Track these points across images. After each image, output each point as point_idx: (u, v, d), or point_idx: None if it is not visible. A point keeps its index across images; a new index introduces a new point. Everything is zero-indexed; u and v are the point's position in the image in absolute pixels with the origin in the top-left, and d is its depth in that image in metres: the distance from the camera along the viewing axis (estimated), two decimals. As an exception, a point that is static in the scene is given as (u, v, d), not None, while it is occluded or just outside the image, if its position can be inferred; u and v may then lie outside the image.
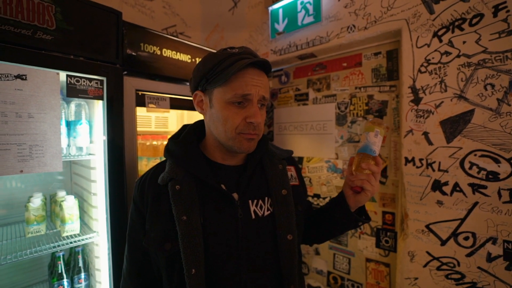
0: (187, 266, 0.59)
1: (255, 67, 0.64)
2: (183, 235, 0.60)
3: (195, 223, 0.61)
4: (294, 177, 0.78)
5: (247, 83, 0.62)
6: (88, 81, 1.03)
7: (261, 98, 0.64)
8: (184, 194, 0.64)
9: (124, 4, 1.88)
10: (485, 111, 1.04)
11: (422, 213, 1.20)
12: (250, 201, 0.68)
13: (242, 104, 0.63)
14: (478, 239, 1.06)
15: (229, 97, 0.62)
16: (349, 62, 1.58)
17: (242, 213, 0.66)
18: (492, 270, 1.03)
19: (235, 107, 0.63)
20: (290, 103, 1.88)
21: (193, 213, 0.62)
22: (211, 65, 0.64)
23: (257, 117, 0.62)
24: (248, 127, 0.63)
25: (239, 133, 0.64)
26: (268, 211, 0.69)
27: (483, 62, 1.04)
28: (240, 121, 0.63)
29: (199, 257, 0.60)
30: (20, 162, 0.87)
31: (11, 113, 0.85)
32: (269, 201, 0.70)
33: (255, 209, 0.68)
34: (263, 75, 0.65)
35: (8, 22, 0.83)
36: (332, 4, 1.50)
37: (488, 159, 1.04)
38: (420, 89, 1.20)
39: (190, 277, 0.58)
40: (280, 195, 0.70)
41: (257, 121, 0.62)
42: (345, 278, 1.61)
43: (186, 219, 0.61)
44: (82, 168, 1.36)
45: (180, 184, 0.65)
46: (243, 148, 0.65)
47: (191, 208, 0.62)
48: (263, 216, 0.68)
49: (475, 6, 1.05)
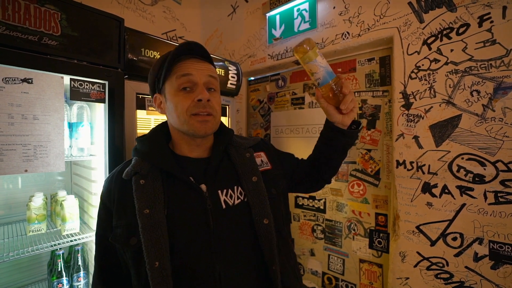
0: (148, 259, 0.59)
1: (196, 57, 0.70)
2: (143, 228, 0.60)
3: (158, 216, 0.62)
4: (265, 162, 0.80)
5: (187, 67, 0.68)
6: (90, 84, 1.07)
7: (207, 81, 0.69)
8: (148, 187, 0.65)
9: (126, 9, 1.93)
10: (472, 116, 1.09)
11: (412, 214, 1.24)
12: (220, 191, 0.69)
13: (190, 90, 0.67)
14: (466, 239, 1.10)
15: (176, 84, 0.67)
16: (343, 67, 1.63)
17: (211, 204, 0.66)
18: (478, 270, 1.07)
19: (183, 92, 0.67)
20: (287, 106, 1.93)
21: (156, 206, 0.63)
22: (158, 65, 0.71)
23: (204, 94, 0.66)
24: (198, 105, 0.66)
25: (191, 115, 0.66)
26: (238, 199, 0.70)
27: (469, 70, 1.09)
28: (190, 102, 0.66)
29: (161, 250, 0.59)
30: (25, 162, 0.90)
31: (17, 115, 0.88)
32: (239, 190, 0.71)
33: (225, 198, 0.69)
34: (205, 63, 0.71)
35: (16, 28, 0.87)
36: (328, 11, 1.55)
37: (475, 162, 1.08)
38: (411, 94, 1.25)
39: (152, 270, 0.58)
40: (251, 182, 0.71)
41: (204, 97, 0.65)
42: (339, 278, 1.64)
43: (148, 212, 0.62)
44: (82, 169, 1.39)
45: (144, 178, 0.66)
46: (197, 131, 0.67)
47: (154, 201, 0.63)
48: (233, 205, 0.69)
49: (462, 16, 1.11)
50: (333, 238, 1.67)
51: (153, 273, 0.58)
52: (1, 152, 0.86)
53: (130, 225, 0.63)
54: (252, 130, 2.17)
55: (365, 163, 1.53)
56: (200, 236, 0.64)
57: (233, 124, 1.81)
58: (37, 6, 0.92)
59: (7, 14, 0.86)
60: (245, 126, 2.17)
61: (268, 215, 0.68)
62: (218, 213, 0.66)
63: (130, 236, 0.62)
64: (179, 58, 0.69)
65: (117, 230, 0.65)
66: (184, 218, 0.65)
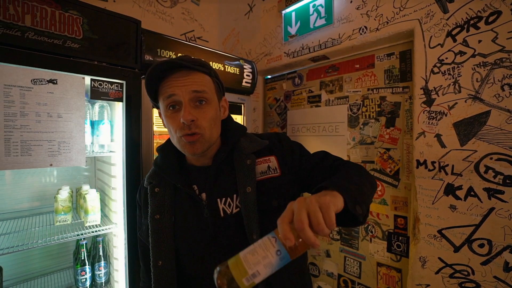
0: (153, 258, 0.66)
1: (182, 69, 0.65)
2: (152, 231, 0.68)
3: (166, 222, 0.69)
4: (273, 168, 0.72)
5: (171, 85, 0.65)
6: (109, 84, 1.13)
7: (193, 96, 0.64)
8: (160, 195, 0.71)
9: (146, 12, 2.01)
10: (502, 113, 1.00)
11: (434, 217, 1.16)
12: (219, 199, 0.69)
13: (177, 108, 0.66)
14: (494, 246, 1.01)
15: (164, 105, 0.67)
16: (361, 63, 1.57)
17: (208, 213, 0.68)
18: (510, 281, 0.98)
19: (171, 112, 0.66)
20: (303, 105, 1.89)
21: (165, 212, 0.69)
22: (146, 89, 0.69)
23: (185, 115, 0.62)
24: (183, 127, 0.64)
25: (181, 136, 0.66)
26: (236, 208, 0.68)
27: (500, 62, 1.00)
28: (177, 123, 0.65)
29: (166, 251, 0.66)
30: (50, 156, 0.97)
31: (43, 113, 0.96)
32: (238, 199, 0.68)
33: (223, 207, 0.68)
34: (191, 73, 0.66)
35: (43, 33, 0.95)
36: (344, 6, 1.50)
37: (505, 163, 0.99)
38: (433, 90, 1.17)
39: (155, 267, 0.66)
40: (244, 193, 0.67)
41: (185, 118, 0.62)
42: (355, 282, 1.59)
43: (159, 217, 0.69)
44: (104, 164, 1.47)
45: (158, 187, 0.73)
46: (188, 152, 0.67)
47: (163, 208, 0.70)
48: (231, 213, 0.68)
49: (492, 4, 1.01)
50: (349, 239, 1.62)
51: (155, 270, 0.66)
52: (30, 147, 0.94)
53: (148, 227, 0.72)
54: (269, 128, 2.16)
55: (384, 163, 1.46)
56: (201, 242, 0.68)
57: (249, 123, 1.82)
58: (62, 12, 0.99)
59: (35, 20, 0.94)
60: (262, 125, 2.17)
61: (255, 230, 0.64)
62: (216, 221, 0.69)
63: (148, 236, 0.71)
64: (164, 74, 0.66)
65: (143, 228, 0.76)
66: (187, 225, 0.71)
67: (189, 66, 0.65)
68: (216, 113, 0.71)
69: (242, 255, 0.44)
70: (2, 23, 0.88)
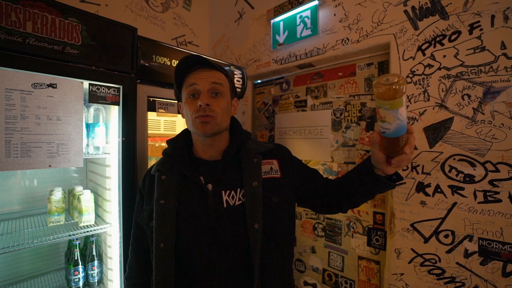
0: (156, 240, 0.72)
1: (204, 67, 0.80)
2: (157, 214, 0.74)
3: (170, 206, 0.75)
4: (274, 170, 0.83)
5: (194, 77, 0.79)
6: (106, 88, 1.17)
7: (211, 88, 0.78)
8: (166, 182, 0.78)
9: (138, 16, 2.05)
10: (463, 119, 1.14)
11: (407, 212, 1.29)
12: (224, 191, 0.77)
13: (196, 97, 0.78)
14: (457, 236, 1.15)
15: (186, 93, 0.80)
16: (344, 71, 1.70)
17: (213, 202, 0.75)
18: (469, 266, 1.12)
19: (191, 99, 0.79)
20: (290, 109, 2.00)
21: (170, 198, 0.76)
22: (174, 79, 0.83)
23: (203, 99, 0.75)
24: (199, 109, 0.76)
25: (195, 117, 0.77)
26: (239, 201, 0.77)
27: (461, 75, 1.15)
28: (195, 107, 0.77)
29: (167, 234, 0.72)
30: (49, 158, 1.01)
31: (43, 116, 0.99)
32: (241, 192, 0.77)
33: (227, 198, 0.76)
34: (212, 71, 0.80)
35: (44, 39, 0.99)
36: (328, 18, 1.63)
37: (465, 163, 1.13)
38: (406, 98, 1.30)
39: (157, 249, 0.72)
40: (250, 187, 0.75)
41: (203, 101, 0.75)
42: (339, 275, 1.70)
43: (163, 202, 0.75)
44: (98, 166, 1.50)
45: (165, 175, 0.79)
46: (199, 130, 0.77)
47: (169, 194, 0.76)
48: (234, 205, 0.76)
49: (454, 24, 1.16)
50: (333, 236, 1.73)
51: (157, 252, 0.72)
52: (30, 149, 0.97)
53: (151, 211, 0.77)
54: (257, 131, 2.25)
55: (364, 164, 1.58)
56: (201, 228, 0.74)
57: (238, 126, 1.90)
58: (62, 19, 1.03)
59: (36, 27, 0.98)
60: (251, 128, 2.26)
61: (259, 220, 0.72)
62: (218, 211, 0.76)
63: (151, 219, 0.77)
64: (190, 69, 0.80)
65: (144, 213, 0.81)
66: (190, 212, 0.76)
67: (212, 65, 0.80)
68: (228, 106, 0.83)
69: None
70: (4, 29, 0.92)
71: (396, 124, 0.57)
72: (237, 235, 0.74)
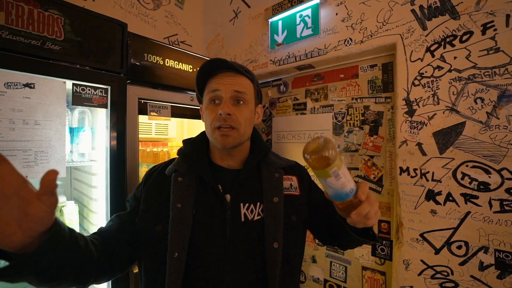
0: (170, 248, 0.63)
1: (228, 71, 0.73)
2: (173, 219, 0.65)
3: (187, 212, 0.67)
4: (294, 187, 0.79)
5: (217, 82, 0.72)
6: (93, 89, 1.06)
7: (233, 96, 0.71)
8: (183, 185, 0.70)
9: (128, 13, 1.93)
10: (476, 124, 1.09)
11: (416, 222, 1.23)
12: (242, 204, 0.71)
13: (217, 103, 0.72)
14: (471, 248, 1.09)
15: (207, 98, 0.73)
16: (346, 73, 1.63)
17: (231, 214, 0.69)
18: (484, 279, 1.06)
19: (212, 105, 0.72)
20: (289, 112, 1.92)
21: (188, 203, 0.68)
22: (196, 80, 0.75)
23: (224, 108, 0.69)
24: (219, 118, 0.69)
25: (215, 128, 0.70)
26: (258, 216, 0.71)
27: (473, 77, 1.09)
28: (214, 116, 0.70)
29: (182, 243, 0.64)
30: (25, 168, 0.89)
31: (18, 120, 0.87)
32: (261, 207, 0.72)
33: (245, 212, 0.70)
34: (236, 75, 0.73)
35: (19, 33, 0.87)
36: (330, 17, 1.56)
37: (479, 170, 1.08)
38: (414, 101, 1.24)
39: (171, 259, 0.63)
40: (271, 202, 0.71)
41: (223, 111, 0.68)
42: (341, 286, 1.62)
43: (180, 206, 0.67)
44: (83, 174, 1.38)
45: (182, 177, 0.71)
46: (218, 143, 0.71)
47: (187, 198, 0.68)
48: (252, 220, 0.70)
49: (465, 24, 1.11)
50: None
51: (171, 262, 0.63)
52: (1, 158, 0.85)
53: (159, 214, 0.68)
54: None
55: (368, 170, 1.52)
56: (216, 242, 0.67)
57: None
58: (41, 11, 0.91)
59: (10, 18, 0.86)
60: (246, 131, 2.16)
61: (279, 239, 0.68)
62: (236, 225, 0.69)
63: (157, 223, 0.68)
64: (214, 72, 0.73)
65: (146, 215, 0.70)
66: (206, 222, 0.69)
67: (237, 69, 0.72)
68: (251, 115, 0.76)
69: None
70: (-29, 20, 0.80)
71: (331, 191, 0.55)
72: (252, 251, 0.68)
